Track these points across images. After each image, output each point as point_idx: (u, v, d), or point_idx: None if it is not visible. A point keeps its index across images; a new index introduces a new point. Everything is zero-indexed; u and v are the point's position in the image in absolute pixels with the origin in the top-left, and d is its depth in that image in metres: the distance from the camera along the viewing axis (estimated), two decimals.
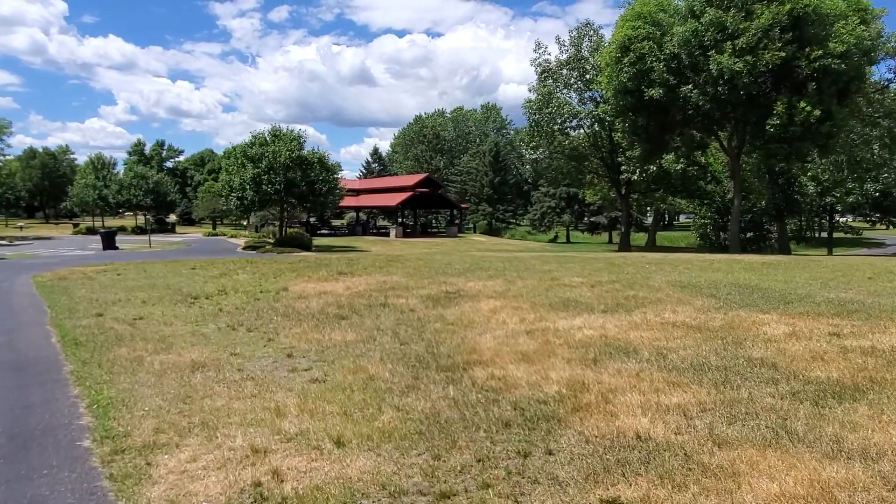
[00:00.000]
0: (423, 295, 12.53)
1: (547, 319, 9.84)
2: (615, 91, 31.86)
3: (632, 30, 30.81)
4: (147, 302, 13.22)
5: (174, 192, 73.12)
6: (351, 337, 9.14)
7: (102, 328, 10.28)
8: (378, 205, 70.14)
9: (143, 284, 16.21)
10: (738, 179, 33.64)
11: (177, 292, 14.50)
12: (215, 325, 10.42)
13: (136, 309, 12.36)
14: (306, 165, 44.61)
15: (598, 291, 12.58)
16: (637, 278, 14.60)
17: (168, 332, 9.96)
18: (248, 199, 43.50)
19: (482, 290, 12.89)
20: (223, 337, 9.49)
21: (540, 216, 76.82)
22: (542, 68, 43.28)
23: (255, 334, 9.61)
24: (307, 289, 14.25)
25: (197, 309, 12.27)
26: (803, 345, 7.98)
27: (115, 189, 66.84)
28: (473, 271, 16.41)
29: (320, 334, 9.38)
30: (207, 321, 10.84)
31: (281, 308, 11.81)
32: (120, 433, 5.45)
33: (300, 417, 5.71)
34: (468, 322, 9.87)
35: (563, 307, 10.87)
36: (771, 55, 27.18)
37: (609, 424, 5.28)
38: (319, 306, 11.79)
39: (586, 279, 14.45)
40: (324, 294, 13.33)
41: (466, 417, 5.58)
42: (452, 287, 13.50)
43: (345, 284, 14.61)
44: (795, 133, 27.79)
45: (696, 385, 6.32)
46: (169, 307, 12.56)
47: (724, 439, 4.90)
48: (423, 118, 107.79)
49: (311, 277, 16.14)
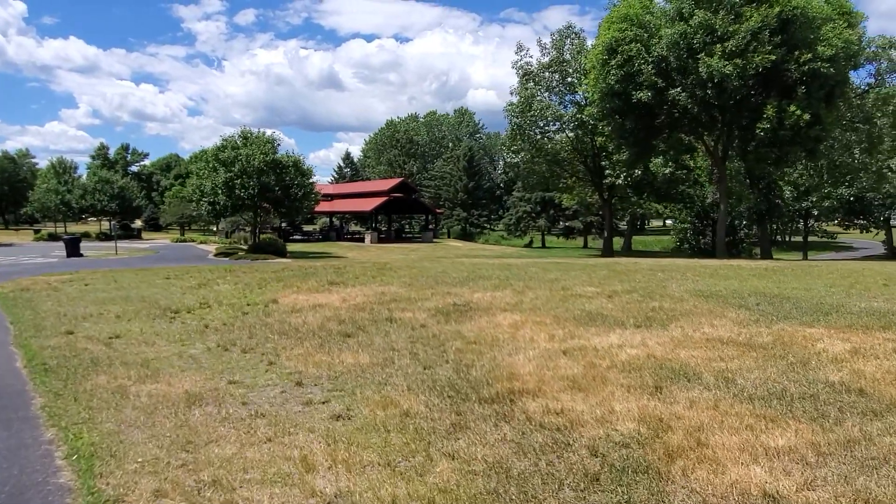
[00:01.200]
0: (429, 308, 11.50)
1: (579, 336, 8.89)
2: (602, 94, 31.20)
3: (619, 32, 30.17)
4: (122, 317, 11.97)
5: (140, 197, 70.89)
6: (365, 359, 8.08)
7: (75, 349, 9.04)
8: (352, 210, 68.80)
9: (114, 296, 14.90)
10: (724, 184, 33.23)
11: (154, 305, 13.25)
12: (204, 345, 9.26)
13: (110, 325, 11.12)
14: (281, 169, 43.25)
15: (619, 303, 11.69)
16: (652, 287, 13.75)
17: (151, 354, 8.78)
18: (221, 205, 41.96)
19: (493, 303, 11.91)
20: (216, 360, 8.35)
21: (516, 221, 76.18)
22: (524, 71, 42.56)
23: (253, 356, 8.49)
24: (299, 301, 13.11)
25: (179, 325, 11.07)
26: (875, 365, 7.17)
27: (79, 194, 64.51)
28: (475, 280, 15.41)
29: (328, 356, 8.30)
30: (194, 340, 9.67)
31: (275, 324, 10.67)
32: (111, 498, 4.33)
33: (334, 471, 4.65)
34: (491, 340, 8.87)
35: (588, 321, 9.95)
36: (761, 58, 26.75)
37: (720, 478, 4.32)
38: (318, 322, 10.68)
39: (599, 288, 13.57)
40: (319, 307, 12.21)
41: (541, 469, 4.57)
42: (459, 298, 12.49)
43: (339, 296, 13.50)
44: (785, 137, 27.41)
45: (791, 420, 5.41)
46: (147, 323, 11.34)
47: (876, 498, 3.98)
48: (395, 122, 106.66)
49: (300, 288, 14.99)
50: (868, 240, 62.76)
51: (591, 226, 75.64)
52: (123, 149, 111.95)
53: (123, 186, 67.04)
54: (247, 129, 44.68)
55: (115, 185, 65.48)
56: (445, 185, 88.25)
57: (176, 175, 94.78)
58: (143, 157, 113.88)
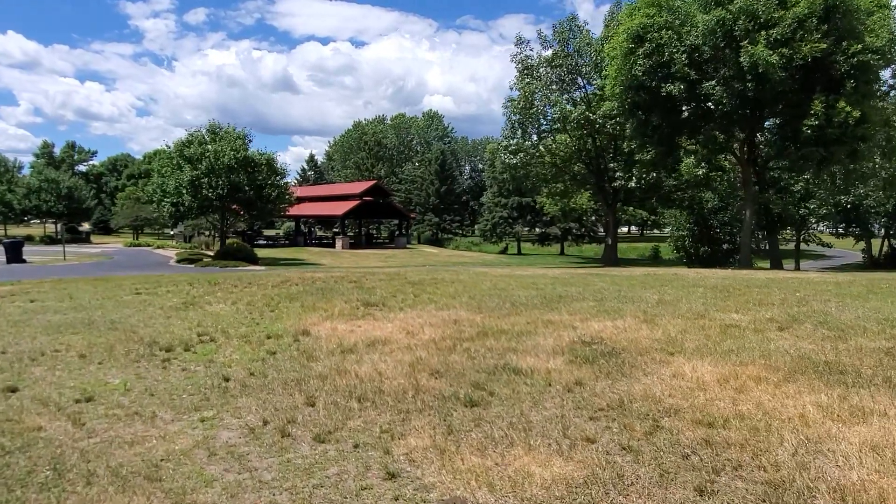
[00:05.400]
0: (550, 349, 8.00)
1: (861, 409, 5.55)
2: (624, 86, 28.18)
3: (647, 18, 27.23)
4: (89, 357, 8.21)
5: (91, 197, 65.47)
6: (557, 465, 4.56)
7: (24, 437, 5.32)
8: (322, 213, 64.71)
9: (72, 320, 11.03)
10: (751, 187, 30.56)
11: (131, 337, 9.47)
12: (240, 422, 5.63)
13: (73, 374, 7.40)
14: (253, 167, 39.21)
15: (815, 341, 8.32)
16: (811, 313, 10.38)
17: (155, 444, 5.11)
18: (185, 206, 37.69)
19: (634, 339, 8.40)
20: (279, 462, 4.74)
21: (492, 226, 73.12)
22: (524, 65, 39.33)
23: (341, 451, 4.89)
24: (340, 332, 9.47)
25: (180, 374, 7.39)
26: None
27: (22, 194, 58.94)
28: (558, 302, 11.87)
29: (481, 455, 4.75)
30: (217, 409, 6.02)
31: (332, 375, 7.05)
32: None
33: None
34: (722, 418, 5.41)
35: (823, 375, 6.61)
36: (810, 47, 24.10)
37: None
38: (400, 372, 7.10)
39: (744, 315, 10.13)
40: (378, 344, 8.61)
41: None
42: (576, 332, 9.03)
43: (395, 326, 9.89)
44: (832, 136, 24.86)
45: None
46: (129, 369, 7.63)
47: None
48: (363, 125, 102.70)
49: (328, 312, 11.31)
50: (841, 248, 60.86)
51: (569, 232, 73.13)
52: (70, 147, 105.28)
53: (72, 186, 61.59)
54: (215, 123, 40.55)
55: (62, 185, 60.03)
56: (417, 188, 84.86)
57: (128, 175, 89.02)
58: (91, 156, 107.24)
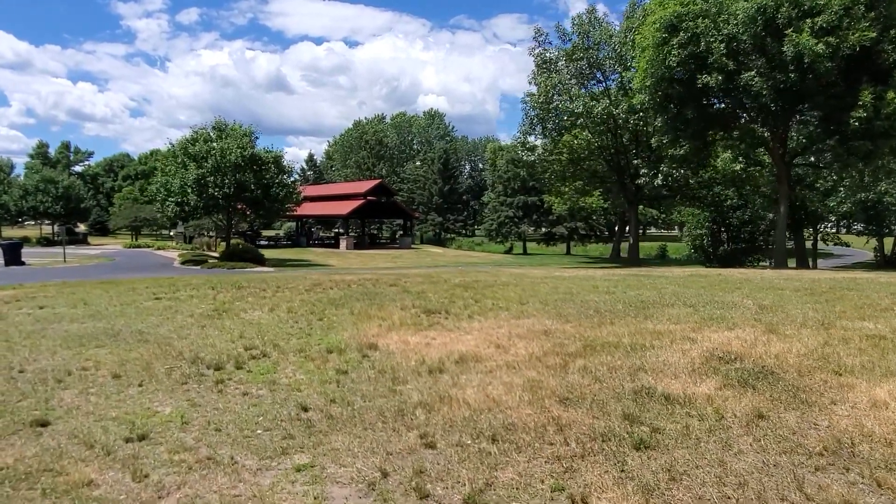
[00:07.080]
0: (683, 367, 6.67)
1: None
2: (656, 78, 26.91)
3: (681, 6, 25.97)
4: (125, 378, 6.90)
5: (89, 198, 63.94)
6: None
7: (73, 497, 4.00)
8: (325, 213, 63.25)
9: (93, 329, 9.69)
10: (786, 183, 29.31)
11: (167, 350, 8.16)
12: (350, 475, 4.33)
13: (111, 400, 6.11)
14: (260, 166, 37.81)
15: None
16: None
17: None
18: (191, 205, 36.27)
19: (780, 355, 7.07)
20: None
21: (497, 226, 71.79)
22: (542, 59, 38.03)
23: None
24: (415, 346, 8.16)
25: (243, 402, 6.08)
26: None
27: (18, 195, 57.38)
28: (657, 309, 10.48)
29: None
30: (311, 454, 4.73)
31: (440, 406, 5.74)
32: None
33: None
34: None
35: None
36: (858, 35, 22.88)
37: None
38: (513, 398, 5.80)
39: (879, 323, 8.90)
40: (469, 361, 7.29)
41: None
42: (707, 346, 7.74)
43: (477, 338, 8.56)
44: (880, 128, 23.67)
45: None
46: (178, 393, 6.34)
47: None
48: (363, 124, 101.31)
49: (386, 321, 9.97)
50: (847, 247, 59.61)
51: (575, 231, 71.89)
52: (65, 147, 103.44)
53: (69, 186, 60.02)
54: (221, 120, 39.17)
55: (59, 186, 58.47)
56: (419, 188, 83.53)
57: (125, 176, 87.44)
58: (87, 157, 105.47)
